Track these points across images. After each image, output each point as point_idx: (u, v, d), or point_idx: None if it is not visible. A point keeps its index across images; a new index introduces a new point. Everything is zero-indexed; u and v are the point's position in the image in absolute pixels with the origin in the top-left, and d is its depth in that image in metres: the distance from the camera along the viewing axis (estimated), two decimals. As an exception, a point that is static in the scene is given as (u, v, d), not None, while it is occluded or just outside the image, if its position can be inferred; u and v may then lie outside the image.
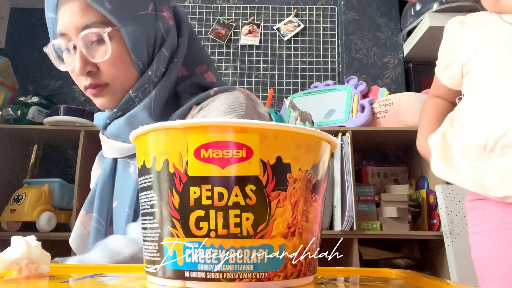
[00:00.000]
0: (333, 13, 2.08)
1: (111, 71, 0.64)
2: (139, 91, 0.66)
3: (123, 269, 0.48)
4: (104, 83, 0.65)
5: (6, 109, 1.61)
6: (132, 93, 0.66)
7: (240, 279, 0.30)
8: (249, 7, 2.08)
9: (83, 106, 1.93)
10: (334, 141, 0.37)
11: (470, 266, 0.97)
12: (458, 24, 0.96)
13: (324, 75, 2.00)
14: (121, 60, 0.64)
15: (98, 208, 0.68)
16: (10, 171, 1.69)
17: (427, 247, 1.62)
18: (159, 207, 0.33)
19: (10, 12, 2.08)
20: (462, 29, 0.94)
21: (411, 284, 0.40)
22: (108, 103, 0.67)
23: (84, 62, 0.62)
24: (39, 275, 0.39)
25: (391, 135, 1.66)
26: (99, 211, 0.68)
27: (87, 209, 0.72)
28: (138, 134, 0.35)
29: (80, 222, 0.72)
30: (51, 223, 1.51)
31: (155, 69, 0.67)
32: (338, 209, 1.45)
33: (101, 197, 0.69)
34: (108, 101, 0.67)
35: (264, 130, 0.31)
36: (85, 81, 0.64)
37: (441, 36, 1.00)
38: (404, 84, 1.94)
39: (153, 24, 0.66)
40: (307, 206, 0.33)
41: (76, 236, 0.71)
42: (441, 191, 1.43)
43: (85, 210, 0.72)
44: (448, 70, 0.98)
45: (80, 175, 1.55)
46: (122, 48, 0.64)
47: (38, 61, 2.01)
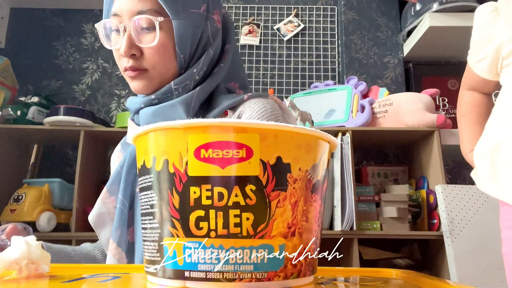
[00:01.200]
0: (333, 13, 2.08)
1: (154, 58, 0.66)
2: (180, 85, 0.69)
3: (123, 269, 0.48)
4: (144, 69, 0.67)
5: (6, 109, 1.60)
6: (174, 85, 0.68)
7: (240, 279, 0.30)
8: (249, 7, 2.08)
9: (83, 106, 1.93)
10: (334, 141, 0.37)
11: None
12: (492, 13, 0.92)
13: (324, 75, 2.00)
14: (165, 50, 0.66)
15: (123, 191, 0.71)
16: (10, 171, 1.69)
17: (427, 247, 1.62)
18: (159, 207, 0.33)
19: (10, 12, 2.08)
20: (497, 18, 0.90)
21: (411, 284, 0.40)
22: (144, 88, 0.69)
23: (130, 44, 0.65)
24: (39, 275, 0.39)
25: (391, 135, 1.66)
26: (124, 193, 0.71)
27: (110, 191, 0.74)
28: (138, 134, 0.35)
29: (102, 201, 0.74)
30: (51, 223, 1.51)
31: (200, 68, 0.69)
32: (338, 209, 1.45)
33: (126, 180, 0.71)
34: (143, 86, 0.69)
35: (264, 130, 0.31)
36: (127, 62, 0.67)
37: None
38: (404, 84, 1.94)
39: (203, 23, 0.69)
40: (307, 206, 0.33)
41: (95, 214, 0.74)
42: (441, 191, 1.43)
43: (108, 191, 0.74)
44: (484, 62, 0.94)
45: (80, 175, 1.55)
46: (169, 39, 0.66)
47: (38, 61, 2.01)
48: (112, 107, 1.98)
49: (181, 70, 0.70)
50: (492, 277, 1.26)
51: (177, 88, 0.68)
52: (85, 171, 1.58)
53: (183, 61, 0.69)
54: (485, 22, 0.93)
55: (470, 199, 1.41)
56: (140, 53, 0.66)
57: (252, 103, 0.69)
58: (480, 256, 1.31)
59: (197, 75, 0.69)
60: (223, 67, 0.73)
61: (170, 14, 0.65)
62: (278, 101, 0.73)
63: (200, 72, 0.70)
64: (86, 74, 2.02)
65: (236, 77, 0.77)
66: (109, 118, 1.96)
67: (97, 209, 0.74)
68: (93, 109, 1.96)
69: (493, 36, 0.91)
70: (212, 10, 0.71)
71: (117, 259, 0.69)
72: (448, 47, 1.85)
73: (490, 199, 1.38)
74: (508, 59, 0.89)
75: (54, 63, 2.02)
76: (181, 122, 0.32)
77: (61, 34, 2.06)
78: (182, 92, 0.69)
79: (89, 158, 1.63)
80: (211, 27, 0.71)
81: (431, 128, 1.57)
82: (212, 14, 0.71)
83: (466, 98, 1.05)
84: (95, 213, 0.74)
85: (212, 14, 0.71)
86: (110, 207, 0.74)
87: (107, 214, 0.74)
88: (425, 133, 1.61)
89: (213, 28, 0.71)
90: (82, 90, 1.99)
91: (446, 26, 1.67)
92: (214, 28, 0.72)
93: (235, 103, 0.69)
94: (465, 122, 1.04)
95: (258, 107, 0.68)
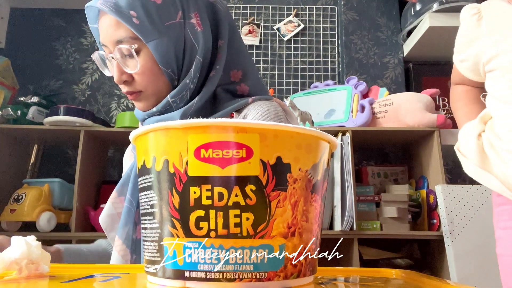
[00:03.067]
0: (333, 13, 2.07)
1: (143, 81, 0.69)
2: (176, 98, 0.70)
3: (123, 269, 0.48)
4: (138, 91, 0.71)
5: (6, 109, 1.60)
6: (170, 98, 0.70)
7: (240, 279, 0.30)
8: (249, 7, 2.08)
9: (83, 106, 1.93)
10: (334, 141, 0.37)
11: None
12: (474, 15, 0.92)
13: (324, 75, 2.00)
14: (151, 71, 0.68)
15: (131, 191, 0.73)
16: (10, 171, 1.68)
17: (427, 247, 1.62)
18: (159, 207, 0.33)
19: (10, 12, 2.08)
20: (479, 23, 0.90)
21: (411, 284, 0.40)
22: (144, 107, 0.73)
23: (120, 72, 0.69)
24: (39, 275, 0.39)
25: (391, 135, 1.66)
26: (132, 194, 0.73)
27: (119, 192, 0.76)
28: (138, 134, 0.35)
29: (111, 203, 0.76)
30: (51, 223, 1.51)
31: (193, 77, 0.70)
32: (338, 209, 1.45)
33: (134, 182, 0.73)
34: (144, 105, 0.72)
35: (264, 130, 0.31)
36: (123, 88, 0.71)
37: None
38: (404, 84, 1.94)
39: (182, 32, 0.69)
40: (307, 206, 0.33)
41: (106, 216, 0.76)
42: (441, 191, 1.43)
43: (118, 192, 0.76)
44: (467, 63, 0.95)
45: (80, 175, 1.55)
46: (151, 60, 0.68)
47: (38, 61, 2.01)
48: (112, 107, 1.98)
49: (174, 82, 0.71)
50: (492, 277, 1.26)
51: (174, 100, 0.70)
52: (85, 171, 1.58)
53: (173, 74, 0.70)
54: (468, 24, 0.93)
55: (470, 199, 1.41)
56: (131, 77, 0.69)
57: (257, 106, 0.70)
58: (480, 256, 1.31)
59: (191, 84, 0.70)
60: (218, 69, 0.72)
61: (143, 38, 0.65)
62: (281, 103, 0.75)
63: (194, 80, 0.70)
64: (86, 74, 2.02)
65: (238, 64, 0.76)
66: (109, 118, 1.96)
67: (107, 210, 0.76)
68: (93, 109, 1.96)
69: (473, 41, 0.92)
70: (190, 14, 0.70)
71: (122, 256, 0.70)
72: (448, 47, 1.84)
73: (490, 199, 1.38)
74: (489, 65, 0.89)
75: (54, 63, 2.02)
76: (181, 122, 0.31)
77: (61, 34, 2.06)
78: (180, 103, 0.71)
79: (89, 158, 1.63)
80: (192, 33, 0.70)
81: (431, 128, 1.57)
82: (190, 19, 0.70)
83: (457, 89, 1.06)
84: (105, 215, 0.75)
85: (190, 19, 0.70)
86: (119, 208, 0.75)
87: (117, 215, 0.75)
88: (425, 133, 1.61)
89: (194, 33, 0.70)
90: (82, 90, 1.99)
91: (446, 26, 1.66)
92: (196, 32, 0.70)
93: (239, 106, 0.71)
94: (459, 104, 1.04)
95: (262, 110, 0.69)
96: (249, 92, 0.75)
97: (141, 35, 0.65)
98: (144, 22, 0.65)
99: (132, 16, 0.64)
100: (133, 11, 0.64)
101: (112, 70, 0.71)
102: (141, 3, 0.65)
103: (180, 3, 0.69)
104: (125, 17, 0.64)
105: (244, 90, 0.75)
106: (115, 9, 0.64)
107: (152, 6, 0.66)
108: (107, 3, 0.65)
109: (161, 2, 0.67)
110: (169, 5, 0.67)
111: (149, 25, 0.65)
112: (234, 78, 0.75)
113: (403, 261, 1.58)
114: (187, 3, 0.69)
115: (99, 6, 0.65)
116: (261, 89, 0.77)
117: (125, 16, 0.64)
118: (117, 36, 0.67)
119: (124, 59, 0.68)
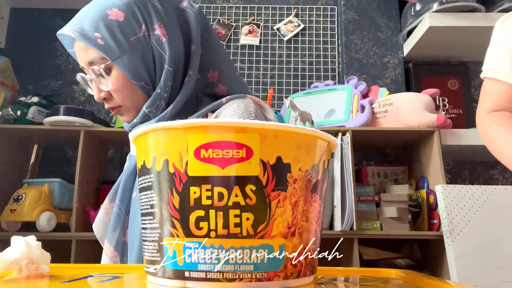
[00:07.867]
0: (333, 13, 2.07)
1: (119, 97, 0.73)
2: (152, 108, 0.73)
3: (123, 269, 0.48)
4: (118, 105, 0.75)
5: (6, 109, 1.60)
6: (146, 109, 0.73)
7: (240, 279, 0.30)
8: (249, 7, 2.08)
9: (83, 106, 1.93)
10: (334, 141, 0.37)
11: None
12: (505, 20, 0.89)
13: (324, 75, 2.00)
14: (124, 87, 0.72)
15: (121, 197, 0.75)
16: (10, 171, 1.68)
17: (427, 247, 1.62)
18: (159, 207, 0.33)
19: (10, 12, 2.08)
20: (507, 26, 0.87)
21: (411, 284, 0.40)
22: (127, 119, 0.77)
23: (98, 91, 0.73)
24: (39, 275, 0.39)
25: (391, 135, 1.66)
26: (121, 199, 0.75)
27: (111, 198, 0.79)
28: (138, 134, 0.35)
29: (104, 210, 0.79)
30: (51, 223, 1.51)
31: (164, 85, 0.72)
32: (338, 209, 1.45)
33: (125, 187, 0.76)
34: (126, 118, 0.77)
35: (264, 130, 0.31)
36: (105, 105, 0.76)
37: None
38: (404, 84, 1.94)
39: (147, 45, 0.71)
40: (307, 206, 0.33)
41: (99, 222, 0.78)
42: (441, 191, 1.43)
43: (109, 199, 0.79)
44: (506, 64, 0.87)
45: (80, 175, 1.55)
46: (122, 76, 0.71)
47: (38, 61, 2.01)
48: (112, 107, 1.98)
49: (150, 93, 0.73)
50: (492, 277, 1.26)
51: (150, 110, 0.73)
52: (85, 171, 1.58)
53: (147, 86, 0.72)
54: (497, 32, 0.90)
55: (470, 199, 1.41)
56: (109, 94, 0.73)
57: (229, 105, 0.72)
58: (480, 256, 1.31)
59: (163, 93, 0.72)
60: (191, 74, 0.74)
61: (108, 57, 0.68)
62: (256, 100, 0.76)
63: (166, 88, 0.72)
64: (86, 74, 2.02)
65: (213, 64, 0.77)
66: (109, 118, 1.95)
67: (100, 217, 0.78)
68: (93, 109, 1.96)
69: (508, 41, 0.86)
70: (153, 26, 0.71)
71: (112, 260, 0.73)
72: (448, 47, 1.85)
73: (490, 199, 1.38)
74: None
75: (54, 63, 2.02)
76: (181, 122, 0.31)
77: (61, 34, 2.06)
78: (156, 112, 0.74)
79: (89, 158, 1.63)
80: (158, 44, 0.71)
81: (431, 128, 1.57)
82: (154, 30, 0.71)
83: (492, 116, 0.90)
84: (99, 222, 0.77)
85: (154, 30, 0.71)
86: (111, 215, 0.77)
87: (109, 221, 0.77)
88: (425, 133, 1.61)
89: (161, 44, 0.71)
90: (82, 90, 1.99)
91: (446, 26, 1.66)
92: (161, 43, 0.71)
93: (215, 106, 0.73)
94: (505, 129, 0.87)
95: (232, 108, 0.70)
96: (227, 92, 0.76)
97: (107, 55, 0.68)
98: (109, 42, 0.68)
99: (97, 37, 0.67)
100: (97, 33, 0.67)
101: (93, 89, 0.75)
102: (104, 23, 0.68)
103: (142, 17, 0.70)
104: (90, 40, 0.67)
105: (222, 90, 0.76)
106: (80, 34, 0.68)
107: (115, 24, 0.68)
108: (74, 29, 0.68)
109: (124, 19, 0.69)
110: (132, 20, 0.69)
111: (113, 44, 0.68)
112: (211, 79, 0.77)
113: (403, 261, 1.58)
114: (149, 15, 0.71)
115: (67, 33, 0.69)
116: (239, 87, 0.78)
117: (90, 39, 0.67)
118: (87, 58, 0.70)
119: (99, 78, 0.72)
